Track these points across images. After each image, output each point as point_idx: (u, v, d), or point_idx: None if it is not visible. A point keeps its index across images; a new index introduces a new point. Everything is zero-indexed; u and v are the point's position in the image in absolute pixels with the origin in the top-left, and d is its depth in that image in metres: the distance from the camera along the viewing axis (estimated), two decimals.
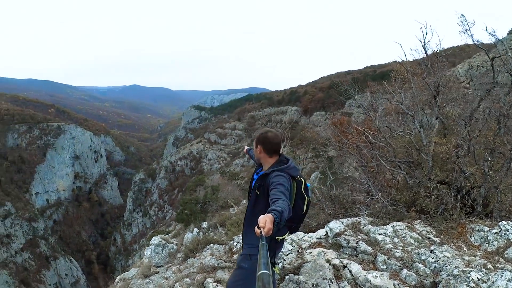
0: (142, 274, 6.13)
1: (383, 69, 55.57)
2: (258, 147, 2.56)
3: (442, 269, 2.84)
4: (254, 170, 2.82)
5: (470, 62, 19.85)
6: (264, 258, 1.32)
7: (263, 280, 1.16)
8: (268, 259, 1.34)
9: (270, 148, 2.53)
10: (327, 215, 6.14)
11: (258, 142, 2.57)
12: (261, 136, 2.57)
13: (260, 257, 1.33)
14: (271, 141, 2.53)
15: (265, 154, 2.54)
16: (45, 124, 77.80)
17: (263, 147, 2.54)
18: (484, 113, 4.21)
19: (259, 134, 2.61)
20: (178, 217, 15.52)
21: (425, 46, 4.74)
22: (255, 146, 2.60)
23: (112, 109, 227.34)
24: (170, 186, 69.55)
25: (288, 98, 70.21)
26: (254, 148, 2.63)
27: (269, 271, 1.22)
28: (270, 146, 2.53)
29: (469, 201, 3.95)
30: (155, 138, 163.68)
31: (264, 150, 2.54)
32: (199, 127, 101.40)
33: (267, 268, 1.23)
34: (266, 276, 1.18)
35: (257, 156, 2.64)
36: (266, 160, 2.55)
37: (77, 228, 72.95)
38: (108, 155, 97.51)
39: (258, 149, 2.57)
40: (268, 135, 2.55)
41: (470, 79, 5.88)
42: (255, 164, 3.15)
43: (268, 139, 2.54)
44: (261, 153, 2.56)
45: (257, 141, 2.59)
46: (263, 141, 2.54)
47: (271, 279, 1.18)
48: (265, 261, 1.29)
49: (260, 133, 2.60)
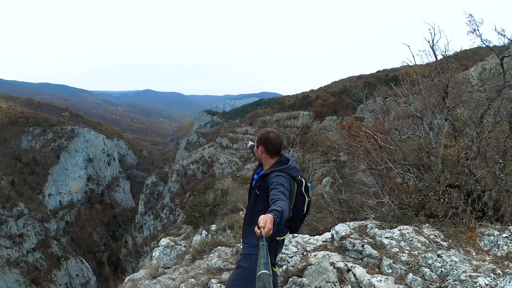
0: (150, 275, 6.18)
1: (396, 73, 54.85)
2: (260, 147, 2.50)
3: (449, 274, 2.76)
4: (254, 169, 2.79)
5: (483, 65, 19.40)
6: (264, 258, 1.31)
7: (263, 280, 1.16)
8: (268, 259, 1.33)
9: (272, 148, 2.49)
10: (335, 218, 6.07)
11: (259, 142, 2.52)
12: (263, 137, 2.52)
13: (260, 257, 1.33)
14: (273, 142, 2.48)
15: (267, 154, 2.50)
16: (59, 127, 79.80)
17: (265, 147, 2.49)
18: (495, 114, 4.09)
19: (260, 134, 2.55)
20: (187, 220, 15.60)
21: (433, 47, 4.66)
22: (256, 146, 2.54)
23: (125, 113, 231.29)
24: (181, 190, 70.10)
25: (300, 102, 70.08)
26: (256, 148, 2.57)
27: (269, 271, 1.21)
28: (272, 146, 2.48)
29: (479, 205, 3.83)
30: (167, 142, 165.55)
31: (265, 150, 2.49)
32: (211, 131, 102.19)
33: (267, 268, 1.23)
34: (266, 276, 1.18)
35: (258, 157, 2.59)
36: (267, 160, 2.51)
37: (89, 229, 74.26)
38: (121, 159, 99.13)
39: (259, 149, 2.51)
40: (270, 136, 2.50)
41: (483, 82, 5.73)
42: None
43: (269, 140, 2.49)
44: (262, 154, 2.51)
45: (258, 141, 2.53)
46: (265, 142, 2.49)
47: (271, 279, 1.18)
48: (265, 261, 1.29)
49: (262, 133, 2.54)
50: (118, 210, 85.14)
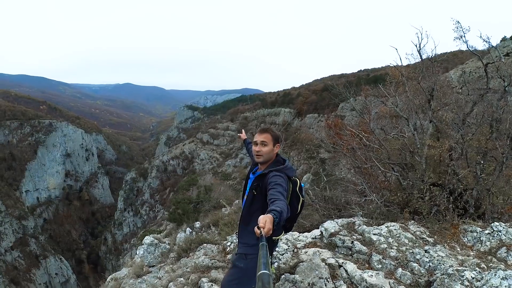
0: (134, 274, 6.09)
1: (376, 73, 56.20)
2: (277, 145, 2.51)
3: (437, 268, 2.90)
4: (249, 169, 2.78)
5: (462, 68, 20.25)
6: (264, 258, 1.31)
7: (263, 280, 1.17)
8: (268, 259, 1.34)
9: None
10: (320, 215, 6.18)
11: (278, 140, 2.52)
12: (279, 135, 2.53)
13: (260, 257, 1.33)
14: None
15: (277, 153, 2.53)
16: (36, 121, 76.87)
17: (279, 145, 2.53)
18: (477, 117, 4.30)
19: (277, 132, 2.54)
20: (171, 217, 15.40)
21: (420, 51, 4.83)
22: (273, 144, 2.49)
23: (105, 107, 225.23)
24: (161, 186, 69.18)
25: (282, 99, 70.44)
26: (272, 146, 2.49)
27: (269, 271, 1.22)
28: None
29: (461, 203, 4.03)
30: (147, 137, 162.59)
31: (278, 148, 2.53)
32: (191, 127, 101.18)
33: (267, 268, 1.24)
34: (266, 276, 1.19)
35: (270, 155, 2.50)
36: (271, 159, 2.51)
37: (67, 227, 72.17)
38: (100, 154, 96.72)
39: (276, 147, 2.50)
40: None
41: (462, 85, 6.03)
42: (251, 153, 3.06)
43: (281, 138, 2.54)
44: (274, 151, 2.51)
45: (278, 139, 2.52)
46: (280, 141, 2.53)
47: (271, 279, 1.19)
48: (265, 261, 1.29)
49: (277, 132, 2.54)
50: (97, 207, 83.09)
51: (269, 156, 2.48)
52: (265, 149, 2.45)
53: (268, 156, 2.48)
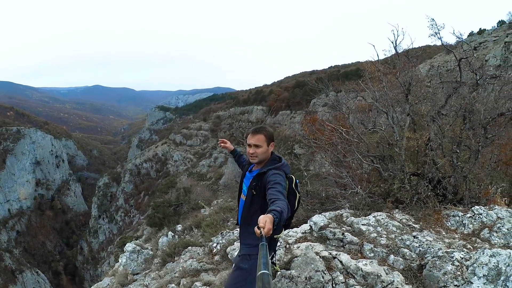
0: (118, 283, 5.89)
1: (347, 69, 57.75)
2: (271, 144, 2.52)
3: (427, 252, 3.07)
4: (245, 168, 2.76)
5: (431, 62, 21.32)
6: (264, 258, 1.32)
7: (263, 280, 1.17)
8: (268, 259, 1.35)
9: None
10: (305, 210, 6.29)
11: (272, 139, 2.53)
12: (273, 133, 2.56)
13: (260, 257, 1.34)
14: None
15: (271, 151, 2.55)
16: (4, 129, 72.94)
17: (274, 143, 2.55)
18: (452, 109, 4.57)
19: (270, 130, 2.56)
20: (151, 221, 15.05)
21: (396, 47, 5.03)
22: (268, 144, 2.50)
23: (74, 111, 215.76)
24: (136, 190, 67.58)
25: (254, 97, 70.66)
26: (267, 146, 2.49)
27: (269, 271, 1.22)
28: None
29: (440, 190, 4.26)
30: (118, 140, 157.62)
31: (273, 147, 2.54)
32: (164, 128, 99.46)
33: (267, 268, 1.24)
34: (266, 276, 1.19)
35: (266, 154, 2.51)
36: (266, 158, 2.53)
37: (41, 238, 68.96)
38: (70, 160, 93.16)
39: (271, 145, 2.52)
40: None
41: (431, 78, 6.39)
42: (242, 165, 3.06)
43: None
44: (269, 150, 2.52)
45: (273, 137, 2.54)
46: (273, 139, 2.55)
47: (271, 279, 1.19)
48: (265, 261, 1.30)
49: (270, 129, 2.57)
50: (71, 215, 79.96)
51: (264, 156, 2.50)
52: (260, 150, 2.46)
53: (264, 156, 2.49)
